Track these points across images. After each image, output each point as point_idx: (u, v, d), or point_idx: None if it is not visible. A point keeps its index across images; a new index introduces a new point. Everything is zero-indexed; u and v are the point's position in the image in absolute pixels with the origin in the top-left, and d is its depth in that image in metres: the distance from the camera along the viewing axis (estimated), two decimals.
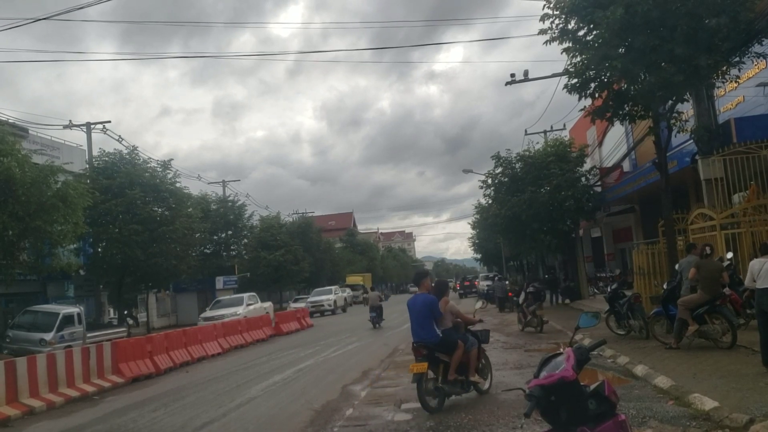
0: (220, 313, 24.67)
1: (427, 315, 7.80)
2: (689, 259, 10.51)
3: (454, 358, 7.79)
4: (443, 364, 7.74)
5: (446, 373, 7.75)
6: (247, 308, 25.64)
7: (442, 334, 7.81)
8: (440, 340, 7.74)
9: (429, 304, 7.87)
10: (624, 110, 12.88)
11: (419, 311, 7.85)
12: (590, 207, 24.74)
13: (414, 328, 7.92)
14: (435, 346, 7.71)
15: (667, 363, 8.92)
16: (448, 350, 7.79)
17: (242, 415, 8.65)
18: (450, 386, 7.79)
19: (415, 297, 8.09)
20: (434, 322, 7.81)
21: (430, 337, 7.72)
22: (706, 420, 6.03)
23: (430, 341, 7.71)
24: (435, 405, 7.59)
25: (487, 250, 58.47)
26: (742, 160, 12.81)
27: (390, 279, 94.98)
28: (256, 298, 28.11)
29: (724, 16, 10.48)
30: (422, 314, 7.81)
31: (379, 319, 23.27)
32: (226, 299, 28.10)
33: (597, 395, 3.19)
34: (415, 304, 7.94)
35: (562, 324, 16.77)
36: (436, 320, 7.86)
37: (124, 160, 26.52)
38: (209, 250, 40.22)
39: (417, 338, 7.83)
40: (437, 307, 7.94)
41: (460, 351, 7.84)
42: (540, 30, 11.98)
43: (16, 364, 10.53)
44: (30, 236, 17.02)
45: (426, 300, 7.90)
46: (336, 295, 41.00)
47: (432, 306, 7.87)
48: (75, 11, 30.81)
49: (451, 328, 8.10)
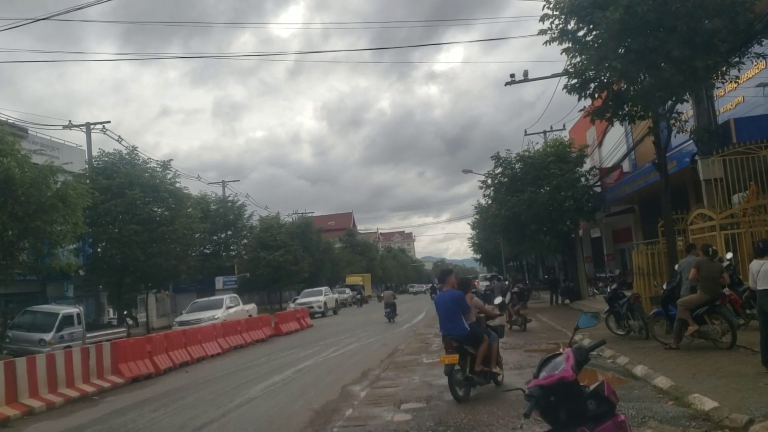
0: (197, 317, 22.53)
1: (455, 310, 8.24)
2: (689, 259, 10.52)
3: (480, 351, 8.24)
4: (470, 356, 8.20)
5: (473, 365, 8.20)
6: (227, 311, 23.49)
7: (469, 328, 8.24)
8: (468, 333, 8.18)
9: (457, 299, 8.31)
10: (623, 111, 12.88)
11: (448, 306, 8.29)
12: (590, 207, 24.75)
13: (443, 322, 8.35)
14: (463, 339, 8.14)
15: (666, 363, 8.92)
16: (475, 343, 8.23)
17: (242, 416, 8.65)
18: (477, 377, 8.25)
19: (443, 293, 8.56)
20: (462, 316, 8.22)
21: (458, 330, 8.16)
22: (705, 420, 6.04)
23: (459, 334, 8.15)
24: (462, 395, 8.05)
25: (486, 251, 58.50)
26: (742, 161, 12.82)
27: (389, 279, 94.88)
28: (238, 300, 26.28)
29: (723, 17, 10.49)
30: (451, 309, 8.26)
31: (393, 315, 25.90)
32: (203, 301, 25.67)
33: (596, 395, 3.19)
34: (443, 299, 8.39)
35: (562, 324, 16.78)
36: (464, 314, 8.27)
37: (124, 160, 26.54)
38: (209, 251, 40.23)
39: (446, 331, 8.28)
40: (465, 302, 8.36)
41: (485, 344, 8.30)
42: (540, 30, 11.98)
43: (16, 365, 10.53)
44: (29, 236, 17.01)
45: (454, 295, 8.34)
46: (326, 296, 38.46)
47: (460, 301, 8.31)
48: (75, 11, 30.83)
49: (475, 322, 8.51)
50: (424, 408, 7.96)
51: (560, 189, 23.58)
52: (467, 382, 8.14)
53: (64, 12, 19.68)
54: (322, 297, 37.55)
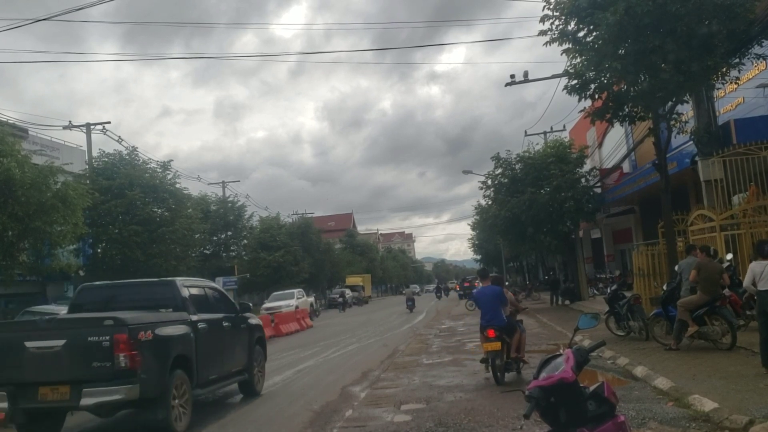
0: None
1: (496, 303, 9.24)
2: (689, 260, 10.51)
3: (514, 340, 9.29)
4: (506, 345, 9.15)
5: (509, 352, 9.22)
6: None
7: (507, 320, 9.26)
8: (505, 324, 9.18)
9: (498, 293, 9.35)
10: (624, 111, 12.89)
11: (489, 300, 9.28)
12: (590, 208, 24.74)
13: (485, 314, 9.26)
14: (502, 329, 9.10)
15: (666, 364, 8.92)
16: (510, 333, 9.26)
17: (241, 416, 8.65)
18: (513, 363, 9.32)
19: (484, 288, 9.59)
20: (501, 309, 9.23)
21: (498, 321, 9.13)
22: (705, 421, 6.04)
23: (499, 325, 9.09)
24: (501, 378, 9.05)
25: (487, 251, 58.40)
26: (742, 162, 12.82)
27: (390, 280, 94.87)
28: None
29: (721, 18, 10.49)
30: (493, 302, 9.25)
31: (413, 306, 33.72)
32: None
33: (596, 396, 3.19)
34: (485, 294, 9.40)
35: (562, 325, 16.77)
36: (503, 306, 9.32)
37: (124, 160, 26.51)
38: (209, 251, 40.18)
39: (487, 322, 9.15)
40: (504, 296, 9.46)
41: (518, 334, 9.41)
42: (540, 31, 11.98)
43: None
44: (30, 237, 17.00)
45: (495, 290, 9.38)
46: (298, 299, 33.07)
47: (501, 295, 9.38)
48: (77, 11, 30.84)
49: (509, 314, 9.48)
50: (424, 409, 7.96)
51: (560, 190, 23.57)
52: (507, 367, 9.20)
53: (66, 12, 19.72)
54: (293, 300, 32.38)
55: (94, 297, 8.98)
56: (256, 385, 10.30)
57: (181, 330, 7.96)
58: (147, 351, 7.10)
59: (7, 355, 7.13)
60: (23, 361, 7.05)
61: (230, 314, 9.68)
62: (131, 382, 6.88)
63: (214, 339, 8.88)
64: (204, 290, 9.48)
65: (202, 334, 8.39)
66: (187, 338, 8.02)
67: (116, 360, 6.81)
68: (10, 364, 7.11)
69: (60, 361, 6.96)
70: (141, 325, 7.18)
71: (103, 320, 7.05)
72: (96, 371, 6.89)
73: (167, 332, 7.63)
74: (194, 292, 8.95)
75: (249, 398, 10.03)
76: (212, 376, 8.79)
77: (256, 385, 10.25)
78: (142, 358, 6.98)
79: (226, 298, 10.19)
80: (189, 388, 7.91)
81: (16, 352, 7.05)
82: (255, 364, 10.24)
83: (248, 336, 10.22)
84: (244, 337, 10.06)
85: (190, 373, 8.00)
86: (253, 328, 10.46)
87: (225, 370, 9.29)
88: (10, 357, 7.11)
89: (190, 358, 8.01)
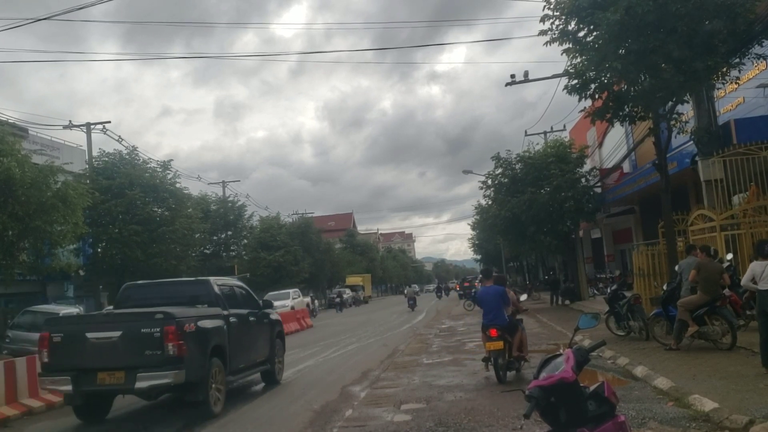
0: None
1: (499, 303, 9.27)
2: (689, 260, 10.51)
3: (516, 339, 9.34)
4: (509, 344, 9.19)
5: (510, 351, 9.26)
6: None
7: (508, 319, 9.29)
8: (507, 323, 9.23)
9: (501, 293, 9.38)
10: (624, 111, 12.87)
11: (492, 299, 9.32)
12: (590, 208, 24.75)
13: (487, 313, 9.31)
14: (504, 328, 9.15)
15: (666, 364, 8.92)
16: (512, 332, 9.31)
17: (241, 416, 8.65)
18: (514, 362, 9.34)
19: (487, 288, 9.66)
20: (504, 309, 9.25)
21: (500, 320, 9.17)
22: (705, 421, 6.04)
23: (502, 324, 9.14)
24: (503, 377, 9.08)
25: (487, 251, 58.42)
26: (742, 162, 12.82)
27: (390, 280, 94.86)
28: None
29: (722, 18, 10.48)
30: (495, 302, 9.29)
31: (414, 305, 34.79)
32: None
33: (596, 396, 3.19)
34: (488, 293, 9.48)
35: (562, 325, 16.77)
36: (506, 306, 9.34)
37: (124, 160, 26.52)
38: (209, 251, 40.18)
39: (490, 322, 9.19)
40: (507, 296, 9.48)
41: (520, 333, 9.48)
42: (540, 31, 11.97)
43: (16, 365, 10.50)
44: (30, 236, 16.99)
45: (498, 290, 9.42)
46: (294, 300, 32.68)
47: (503, 295, 9.40)
48: (77, 11, 30.88)
49: (510, 314, 9.49)
50: (424, 408, 7.96)
51: (560, 190, 23.57)
52: (509, 365, 9.24)
53: (66, 11, 19.70)
54: (289, 301, 31.78)
55: (136, 294, 10.03)
56: (277, 374, 11.25)
57: (217, 323, 8.91)
58: (191, 341, 7.95)
59: (70, 345, 8.02)
60: (84, 349, 7.94)
61: (254, 310, 10.60)
62: (179, 368, 7.71)
63: (243, 332, 9.80)
64: (232, 288, 10.39)
65: (234, 327, 9.32)
66: (222, 330, 8.95)
67: (166, 348, 7.68)
68: (73, 352, 8.00)
69: (116, 350, 7.84)
70: (186, 318, 8.07)
71: (154, 314, 7.92)
72: (148, 358, 7.74)
73: (206, 325, 8.57)
74: (225, 290, 9.88)
75: (249, 398, 10.03)
76: (241, 365, 9.67)
77: (276, 375, 11.19)
78: (188, 347, 7.82)
79: (250, 295, 11.03)
80: (224, 375, 8.85)
81: (78, 341, 7.98)
82: (276, 356, 11.19)
83: (270, 330, 11.17)
84: (267, 331, 11.02)
85: (224, 361, 8.90)
86: (274, 323, 11.45)
87: (252, 359, 10.19)
88: (73, 346, 8.00)
89: (224, 348, 8.91)
